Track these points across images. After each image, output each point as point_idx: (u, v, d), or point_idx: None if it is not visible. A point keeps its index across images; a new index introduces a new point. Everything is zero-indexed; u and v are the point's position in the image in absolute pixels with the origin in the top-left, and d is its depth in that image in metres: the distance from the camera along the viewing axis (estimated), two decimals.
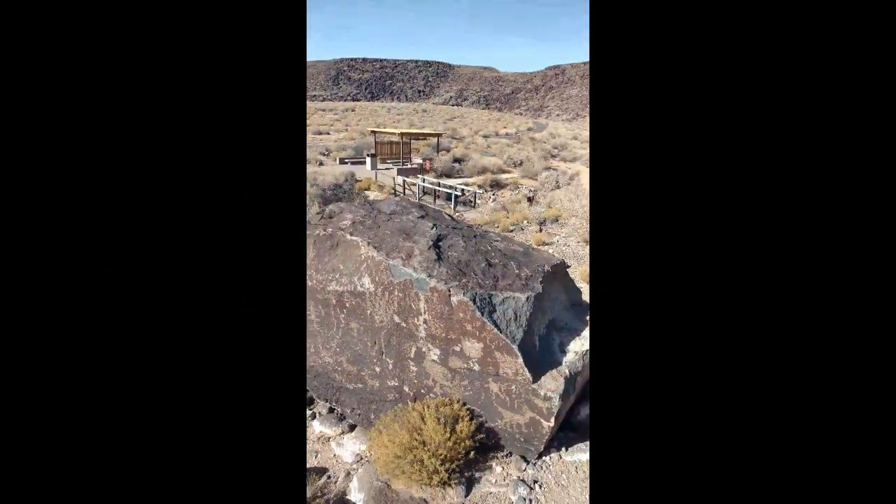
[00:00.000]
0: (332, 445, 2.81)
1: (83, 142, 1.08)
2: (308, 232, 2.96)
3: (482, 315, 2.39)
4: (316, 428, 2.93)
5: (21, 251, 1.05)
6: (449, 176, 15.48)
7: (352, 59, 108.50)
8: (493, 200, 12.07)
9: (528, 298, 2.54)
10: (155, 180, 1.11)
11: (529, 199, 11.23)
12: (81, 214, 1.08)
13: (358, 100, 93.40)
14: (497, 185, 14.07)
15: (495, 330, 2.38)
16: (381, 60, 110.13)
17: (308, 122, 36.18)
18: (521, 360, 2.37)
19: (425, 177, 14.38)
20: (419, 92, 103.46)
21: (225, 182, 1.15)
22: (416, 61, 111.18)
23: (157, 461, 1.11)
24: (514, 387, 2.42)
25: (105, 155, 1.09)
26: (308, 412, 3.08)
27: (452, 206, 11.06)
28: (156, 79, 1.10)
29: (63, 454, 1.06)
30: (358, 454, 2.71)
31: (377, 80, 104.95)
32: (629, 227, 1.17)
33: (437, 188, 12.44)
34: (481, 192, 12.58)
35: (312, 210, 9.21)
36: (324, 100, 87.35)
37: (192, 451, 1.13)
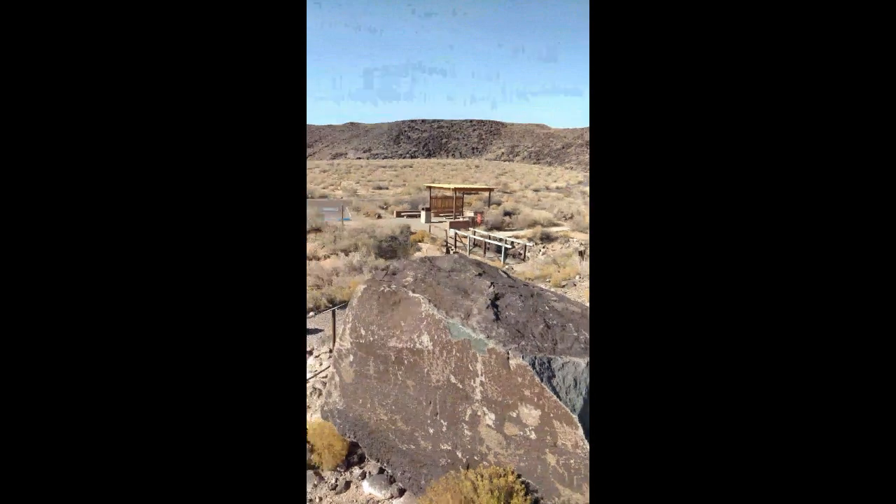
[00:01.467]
0: None
1: (84, 142, 1.08)
2: (374, 288, 3.12)
3: (542, 380, 2.33)
4: (365, 489, 2.89)
5: (21, 251, 1.04)
6: (499, 228, 15.65)
7: (412, 121, 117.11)
8: (544, 254, 11.94)
9: (587, 364, 2.44)
10: (155, 180, 1.10)
11: (581, 253, 10.98)
12: (81, 214, 1.08)
13: (416, 157, 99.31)
14: (547, 238, 13.97)
15: (554, 397, 2.29)
16: (438, 121, 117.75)
17: (369, 177, 38.93)
18: (580, 431, 2.24)
19: (476, 229, 14.64)
20: (473, 149, 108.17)
21: (225, 182, 1.14)
22: (471, 120, 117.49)
23: (152, 465, 1.09)
24: (573, 461, 2.27)
25: (106, 155, 1.09)
26: (358, 471, 3.05)
27: (502, 258, 11.08)
28: (156, 78, 1.11)
29: (56, 455, 1.04)
30: None
31: (434, 139, 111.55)
32: (629, 233, 1.15)
33: (486, 240, 12.58)
34: (531, 244, 12.54)
35: (370, 260, 9.67)
36: (385, 157, 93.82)
37: (190, 451, 1.11)
